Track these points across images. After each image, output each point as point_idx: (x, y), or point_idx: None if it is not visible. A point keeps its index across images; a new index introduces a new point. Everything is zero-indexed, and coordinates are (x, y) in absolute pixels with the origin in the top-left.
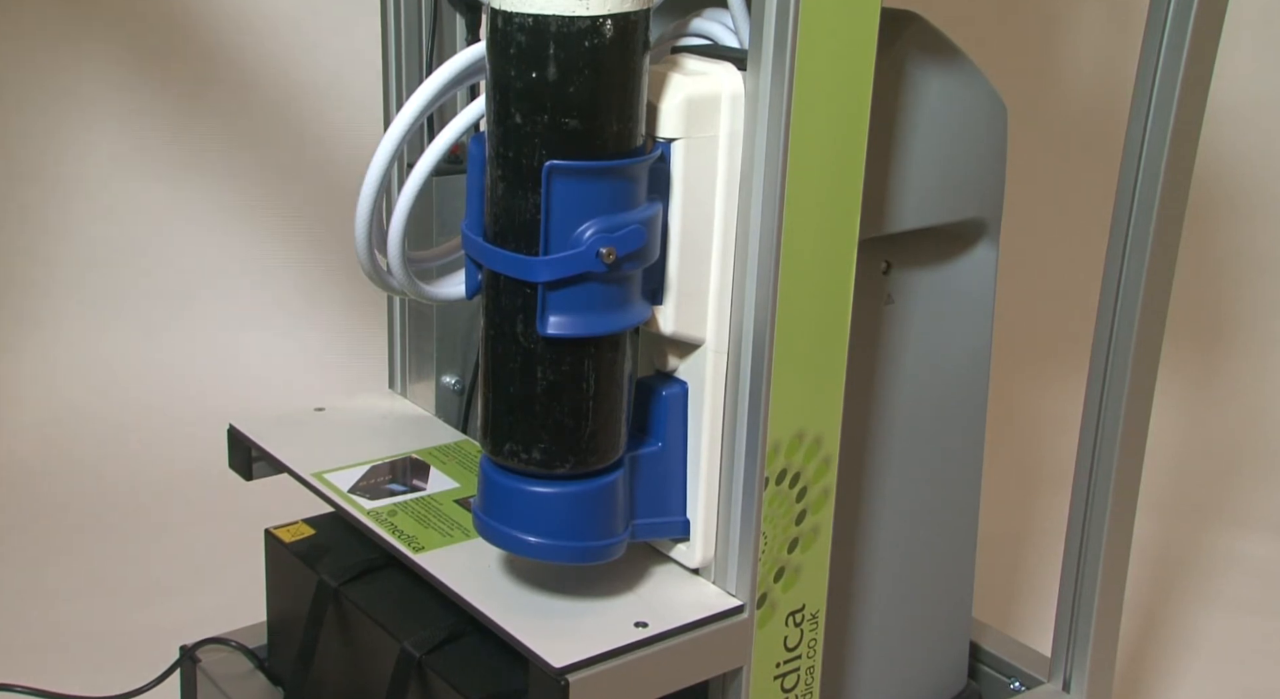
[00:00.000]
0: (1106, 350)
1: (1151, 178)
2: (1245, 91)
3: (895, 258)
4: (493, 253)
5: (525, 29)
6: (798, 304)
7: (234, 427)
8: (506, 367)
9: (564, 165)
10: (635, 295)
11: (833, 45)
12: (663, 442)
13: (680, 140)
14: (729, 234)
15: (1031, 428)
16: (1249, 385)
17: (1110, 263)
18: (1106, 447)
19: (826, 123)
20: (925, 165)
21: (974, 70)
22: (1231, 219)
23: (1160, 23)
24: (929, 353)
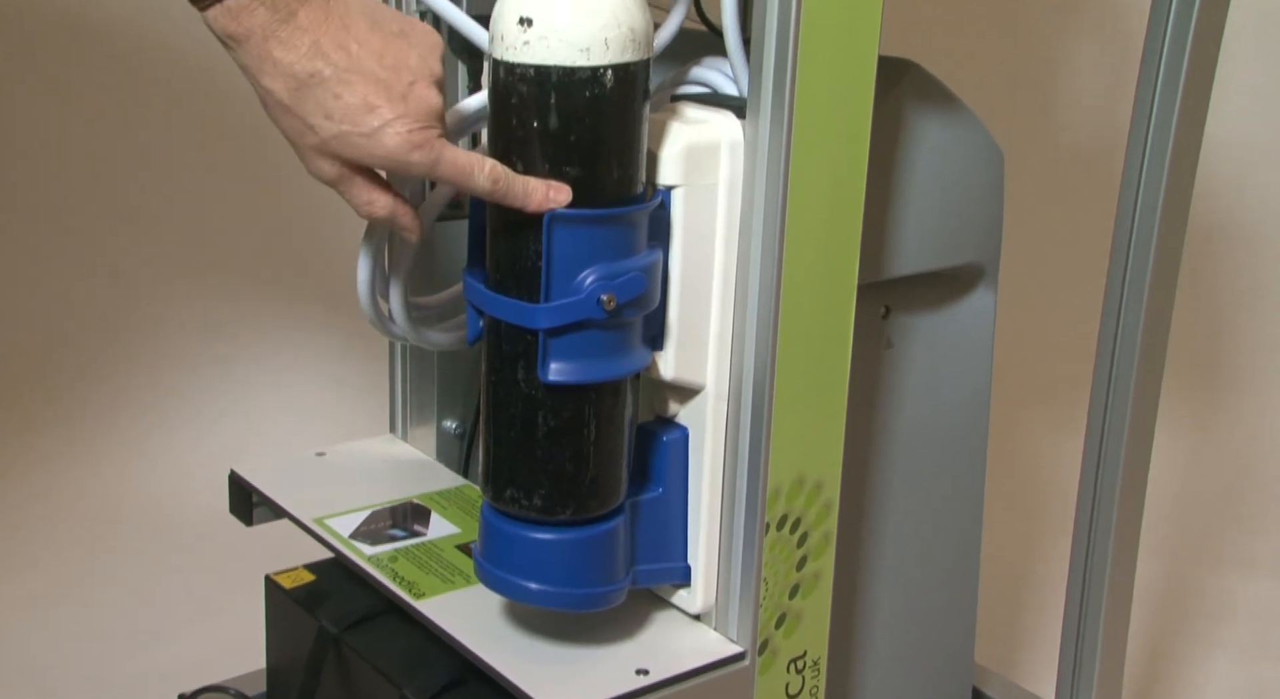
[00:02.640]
0: (1106, 390)
1: (1148, 217)
2: (1241, 130)
3: (894, 302)
4: (494, 300)
5: (527, 79)
6: (797, 349)
7: (235, 472)
8: (508, 413)
9: (565, 213)
10: (636, 341)
11: (830, 94)
12: (663, 487)
13: (680, 188)
14: (729, 280)
15: (1032, 468)
16: (1250, 424)
17: (1109, 302)
18: (1107, 487)
19: (825, 170)
20: (923, 211)
21: (970, 116)
22: (1229, 258)
23: (1155, 64)
24: (929, 396)
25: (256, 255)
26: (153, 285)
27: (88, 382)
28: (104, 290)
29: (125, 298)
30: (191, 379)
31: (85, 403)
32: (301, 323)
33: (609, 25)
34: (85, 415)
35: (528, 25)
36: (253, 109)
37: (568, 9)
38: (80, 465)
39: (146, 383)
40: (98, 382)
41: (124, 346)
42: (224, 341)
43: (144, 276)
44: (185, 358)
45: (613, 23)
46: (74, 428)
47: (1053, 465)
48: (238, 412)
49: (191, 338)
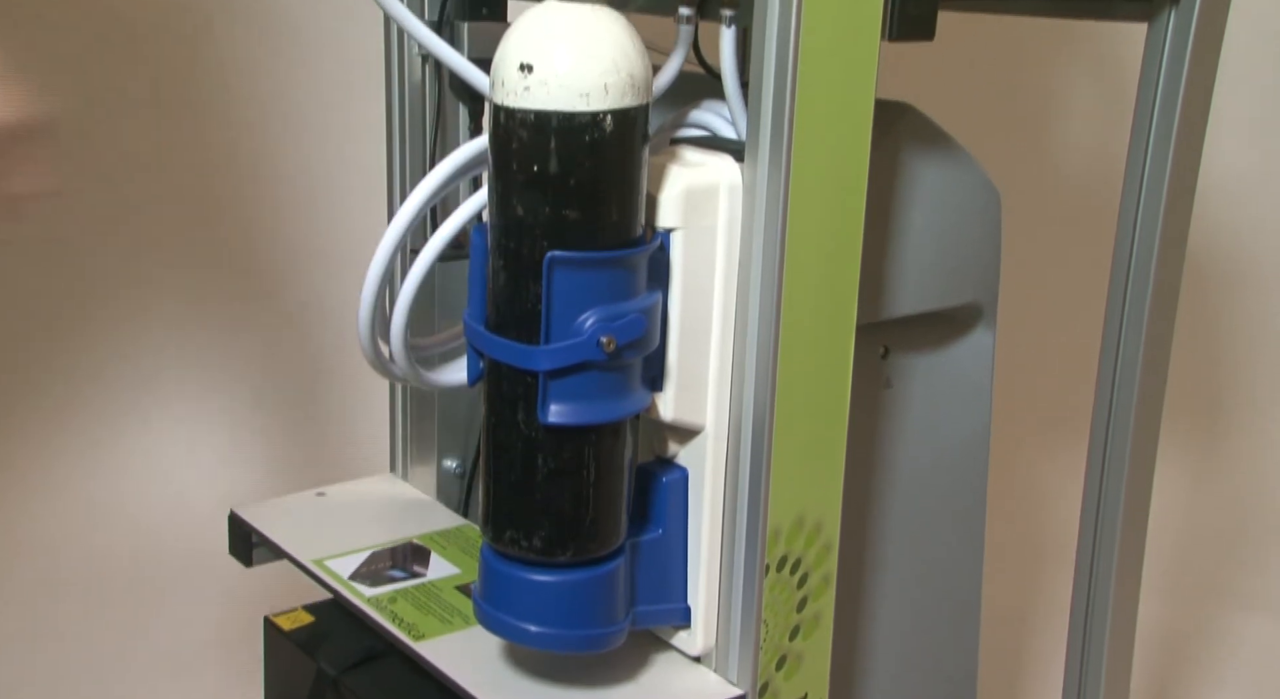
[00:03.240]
0: (1106, 427)
1: (1145, 254)
2: (1237, 167)
3: (893, 342)
4: (494, 342)
5: (527, 124)
6: (797, 390)
7: (235, 512)
8: (507, 454)
9: (565, 256)
10: (635, 383)
11: (828, 137)
12: (663, 528)
13: (679, 230)
14: (728, 321)
15: (1033, 507)
16: (1251, 461)
17: (1107, 339)
18: (1108, 525)
19: (823, 212)
20: (921, 252)
21: (967, 158)
22: (1227, 296)
23: (1150, 102)
24: (928, 436)
25: (258, 293)
26: (148, 321)
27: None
28: (100, 334)
29: (122, 337)
30: (192, 415)
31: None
32: (303, 361)
33: (609, 71)
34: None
35: (528, 71)
36: (255, 154)
37: (568, 55)
38: (79, 505)
39: (139, 426)
40: (88, 413)
41: (120, 381)
42: (225, 380)
43: (142, 310)
44: (185, 395)
45: (612, 69)
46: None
47: (1053, 504)
48: (238, 449)
49: (191, 375)
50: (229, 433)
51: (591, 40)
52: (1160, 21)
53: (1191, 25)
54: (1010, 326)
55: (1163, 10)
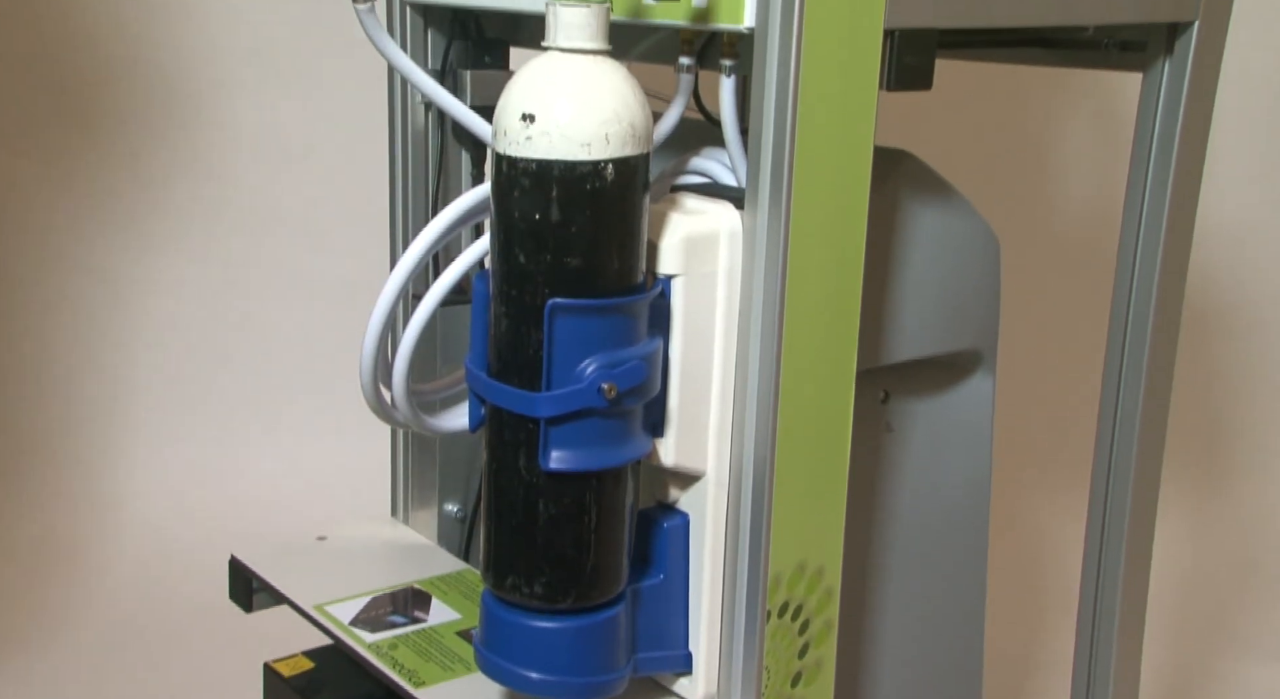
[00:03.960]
0: (1107, 472)
1: (1144, 301)
2: (1234, 215)
3: (893, 387)
4: (496, 388)
5: (529, 173)
6: (797, 436)
7: (235, 557)
8: (509, 500)
9: (566, 303)
10: (636, 429)
11: (827, 184)
12: (664, 574)
13: (680, 277)
14: (728, 367)
15: (1035, 552)
16: (1253, 507)
17: (1107, 384)
18: (1111, 571)
19: (822, 259)
20: (920, 298)
21: (965, 204)
22: (1227, 340)
23: (1146, 150)
24: (929, 481)
25: (260, 337)
26: (149, 364)
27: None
28: (102, 368)
29: (124, 382)
30: (193, 459)
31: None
32: (305, 404)
33: (610, 121)
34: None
35: (530, 121)
36: (259, 199)
37: (569, 106)
38: (76, 548)
39: (141, 471)
40: (94, 461)
41: (117, 428)
42: (227, 423)
43: (141, 354)
44: (186, 438)
45: (613, 119)
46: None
47: (1055, 549)
48: (240, 493)
49: (193, 418)
50: (229, 476)
51: (593, 91)
52: (1155, 71)
53: (1185, 74)
54: (1010, 371)
55: (1157, 59)
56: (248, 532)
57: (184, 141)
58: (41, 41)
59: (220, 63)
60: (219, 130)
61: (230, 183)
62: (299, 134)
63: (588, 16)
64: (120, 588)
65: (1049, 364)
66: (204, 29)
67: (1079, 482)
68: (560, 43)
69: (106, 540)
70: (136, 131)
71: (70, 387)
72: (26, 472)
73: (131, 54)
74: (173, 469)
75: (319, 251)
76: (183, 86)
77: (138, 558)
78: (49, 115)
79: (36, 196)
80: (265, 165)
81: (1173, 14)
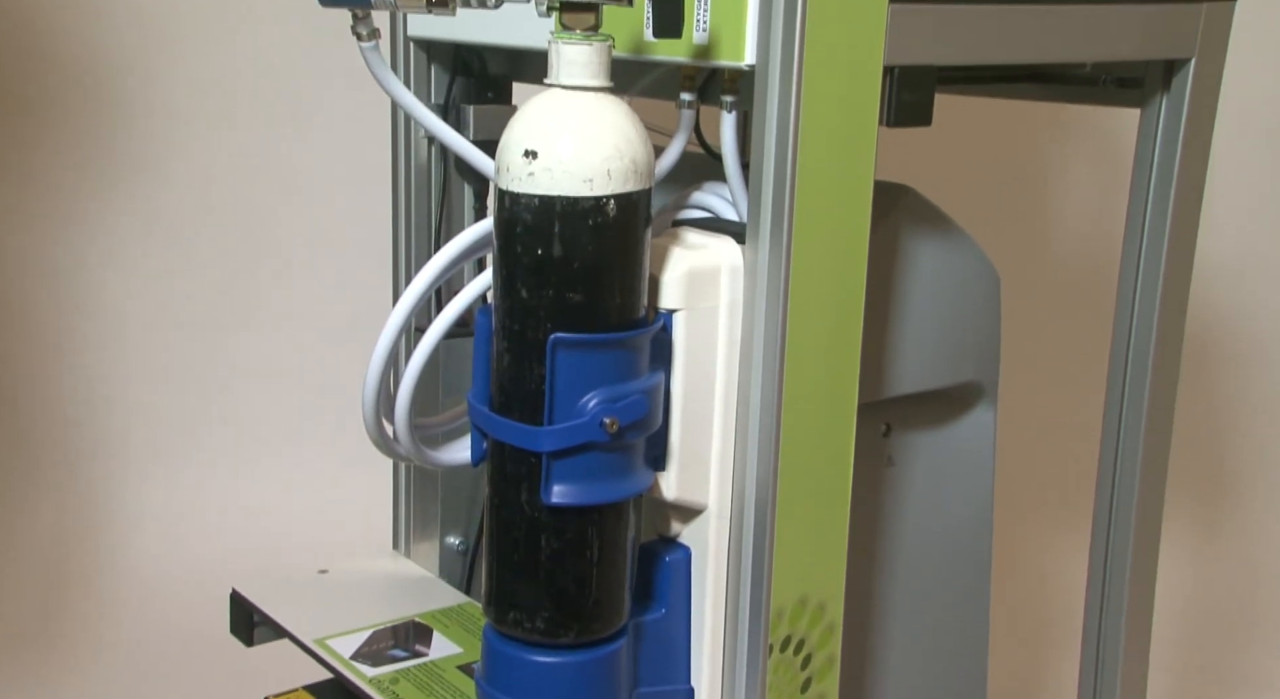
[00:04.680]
0: (1109, 504)
1: (1144, 334)
2: (1233, 246)
3: (895, 420)
4: (498, 422)
5: (531, 209)
6: (799, 469)
7: (237, 591)
8: (511, 535)
9: (568, 338)
10: (638, 463)
11: (828, 219)
12: (666, 608)
13: (681, 311)
14: (730, 401)
15: (1038, 583)
16: (1256, 538)
17: (1109, 417)
18: (1114, 602)
19: (824, 293)
20: (921, 331)
21: (966, 239)
22: (1228, 370)
23: (1145, 184)
24: (931, 514)
25: (262, 370)
26: (151, 394)
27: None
28: (104, 401)
29: (127, 414)
30: (194, 491)
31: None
32: (307, 436)
33: (611, 157)
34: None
35: (532, 157)
36: (263, 231)
37: (571, 142)
38: (77, 581)
39: (142, 504)
40: (95, 494)
41: (118, 460)
42: (228, 455)
43: (142, 382)
44: (187, 470)
45: (615, 155)
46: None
47: (1058, 581)
48: (241, 525)
49: (194, 450)
50: (230, 509)
51: (594, 127)
52: (1152, 106)
53: (1183, 110)
54: (1011, 405)
55: (1154, 95)
56: (249, 565)
57: (186, 173)
58: (46, 88)
59: (224, 96)
60: (223, 163)
61: (233, 215)
62: (303, 167)
63: (590, 54)
64: (121, 622)
65: (1050, 396)
66: (208, 62)
67: (1081, 514)
68: (563, 80)
69: (107, 573)
70: (140, 164)
71: (72, 418)
72: (25, 504)
73: (135, 88)
74: (174, 501)
75: (322, 284)
76: (187, 119)
77: (139, 591)
78: (52, 152)
79: (43, 233)
80: (268, 198)
81: (1169, 51)
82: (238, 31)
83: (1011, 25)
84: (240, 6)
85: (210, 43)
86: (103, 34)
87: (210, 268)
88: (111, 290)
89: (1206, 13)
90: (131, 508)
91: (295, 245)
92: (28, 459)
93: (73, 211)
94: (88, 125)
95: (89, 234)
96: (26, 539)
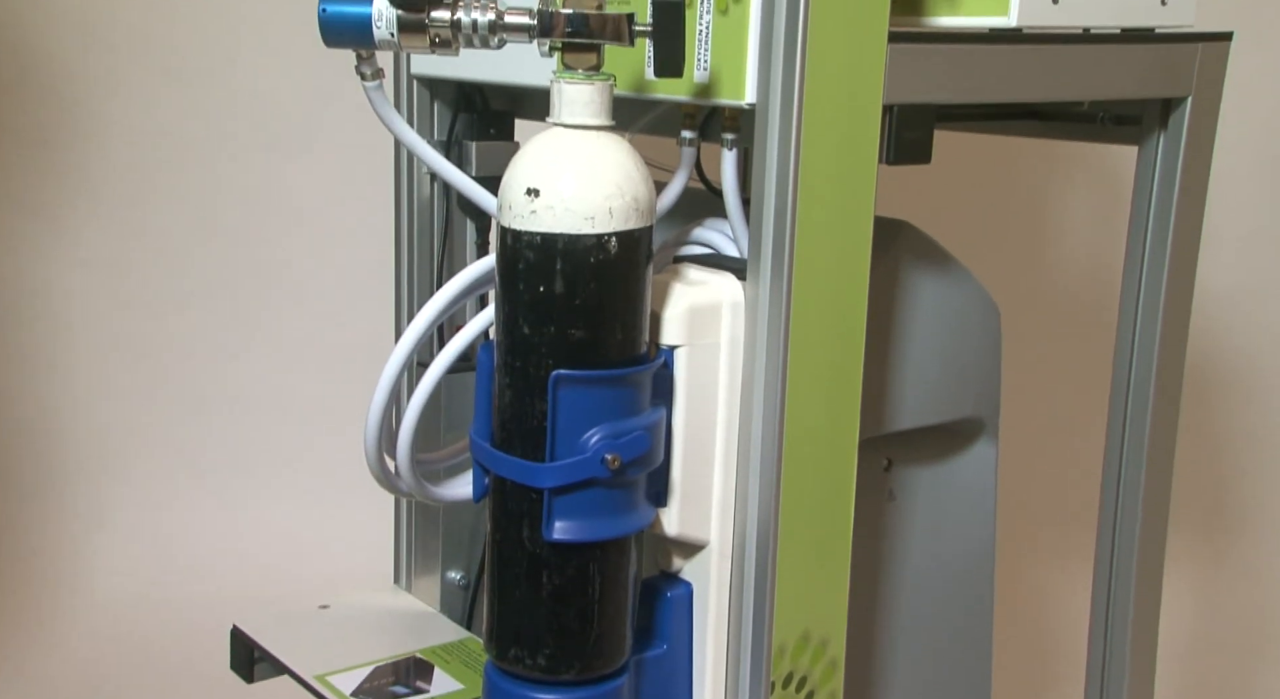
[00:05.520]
0: (1111, 538)
1: (1145, 367)
2: (1233, 279)
3: (896, 455)
4: (500, 459)
5: (533, 246)
6: (801, 505)
7: (237, 626)
8: (512, 571)
9: (570, 375)
10: (640, 499)
11: (828, 255)
12: (668, 644)
13: (683, 347)
14: (731, 437)
15: (1041, 617)
16: (1260, 570)
17: (1110, 450)
18: (1118, 636)
19: (824, 329)
20: (922, 367)
21: (965, 273)
22: (1229, 406)
23: (1143, 220)
24: (933, 549)
25: (264, 405)
26: (152, 426)
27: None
28: (104, 429)
29: (128, 445)
30: (195, 523)
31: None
32: (308, 468)
33: (613, 195)
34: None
35: (535, 195)
36: (267, 268)
37: (574, 180)
38: (73, 616)
39: (142, 537)
40: (94, 526)
41: (118, 491)
42: (229, 489)
43: (146, 415)
44: (188, 503)
45: (616, 193)
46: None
47: (1061, 616)
48: (242, 558)
49: (195, 483)
50: (231, 544)
51: (596, 165)
52: (1150, 144)
53: (1180, 147)
54: (1012, 438)
55: (1152, 133)
56: (250, 599)
57: (192, 207)
58: (49, 119)
59: (229, 130)
60: (228, 196)
61: (238, 250)
62: (306, 201)
63: (591, 93)
64: (119, 657)
65: (1052, 430)
66: (213, 97)
67: (1084, 548)
68: (565, 118)
69: (106, 607)
70: (147, 195)
71: (70, 447)
72: (18, 537)
73: (139, 122)
74: (174, 536)
75: (325, 317)
76: (193, 152)
77: (138, 626)
78: (54, 182)
79: (49, 262)
80: (272, 233)
81: (1166, 90)
82: (242, 67)
83: (1009, 65)
84: (244, 42)
85: (214, 78)
86: (111, 71)
87: (213, 299)
88: (116, 321)
89: (1202, 52)
90: (130, 541)
91: (298, 279)
92: (18, 487)
93: (79, 242)
94: (90, 158)
95: (95, 264)
96: (16, 572)
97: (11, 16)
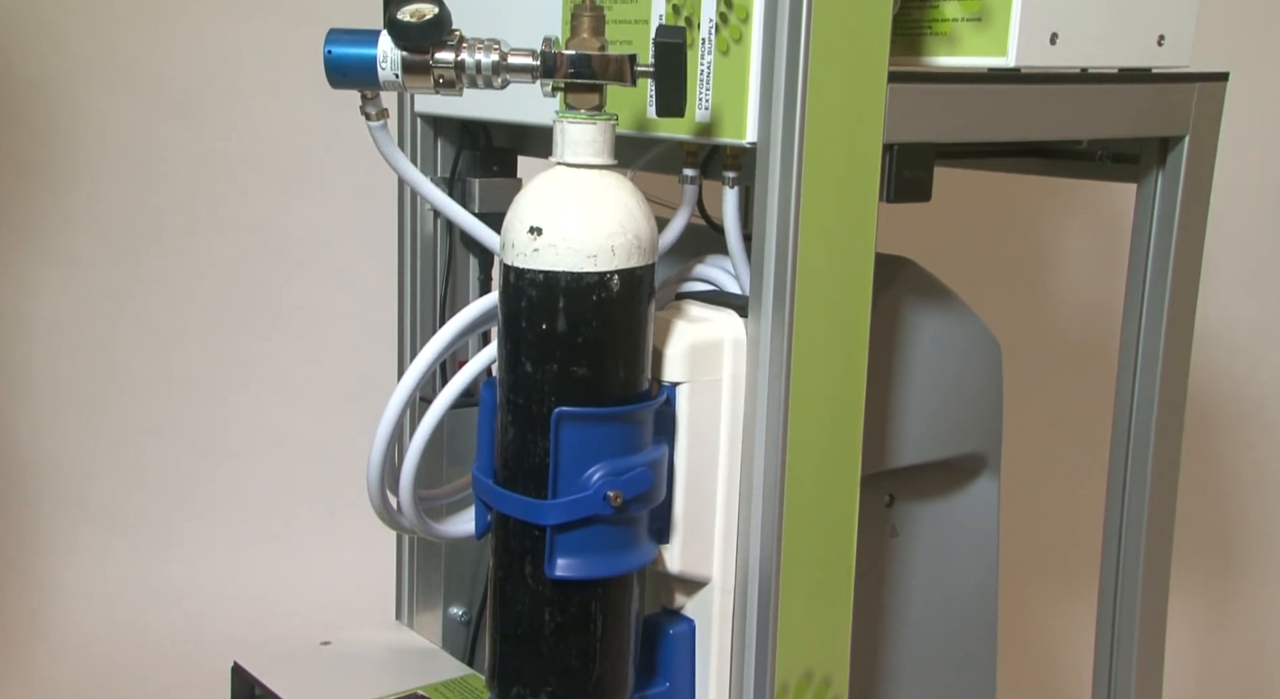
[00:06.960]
0: (1115, 575)
1: (1146, 404)
2: (1233, 314)
3: (898, 491)
4: (502, 495)
5: (536, 284)
6: (803, 541)
7: (238, 664)
8: (514, 608)
9: (573, 412)
10: (642, 536)
11: (830, 292)
12: (670, 681)
13: (685, 384)
14: (734, 474)
15: (1044, 654)
16: (1265, 607)
17: (1112, 487)
18: (1123, 676)
19: (826, 365)
20: (923, 402)
21: (966, 310)
22: (1231, 442)
23: (1143, 257)
24: (935, 585)
25: (266, 439)
26: (153, 458)
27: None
28: (106, 465)
29: (129, 482)
30: (198, 559)
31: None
32: (308, 506)
33: (615, 234)
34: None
35: (538, 234)
36: (270, 303)
37: (576, 219)
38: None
39: (143, 574)
40: (93, 561)
41: (120, 530)
42: (230, 525)
43: (145, 448)
44: (190, 538)
45: (619, 231)
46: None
47: (1065, 652)
48: (244, 594)
49: (196, 519)
50: (232, 580)
51: (598, 204)
52: (1149, 183)
53: (1179, 186)
54: (1014, 475)
55: (1150, 171)
56: (251, 636)
57: (195, 244)
58: (50, 161)
59: (234, 168)
60: (231, 235)
61: (240, 286)
62: (309, 240)
63: (594, 133)
64: (121, 696)
65: (1053, 467)
66: (216, 134)
67: (1087, 585)
68: (567, 158)
69: (105, 644)
70: (149, 233)
71: (70, 485)
72: (12, 578)
73: (145, 158)
74: (175, 572)
75: (327, 355)
76: (196, 190)
77: (138, 662)
78: (53, 218)
79: (50, 297)
80: (274, 269)
81: (1163, 129)
82: (247, 105)
83: (1008, 104)
84: (249, 80)
85: (219, 116)
86: (114, 108)
87: (216, 336)
88: (115, 354)
89: (1199, 92)
90: (130, 578)
91: (302, 316)
92: (14, 526)
93: (79, 279)
94: (91, 194)
95: (97, 300)
96: (19, 611)
97: (13, 52)
